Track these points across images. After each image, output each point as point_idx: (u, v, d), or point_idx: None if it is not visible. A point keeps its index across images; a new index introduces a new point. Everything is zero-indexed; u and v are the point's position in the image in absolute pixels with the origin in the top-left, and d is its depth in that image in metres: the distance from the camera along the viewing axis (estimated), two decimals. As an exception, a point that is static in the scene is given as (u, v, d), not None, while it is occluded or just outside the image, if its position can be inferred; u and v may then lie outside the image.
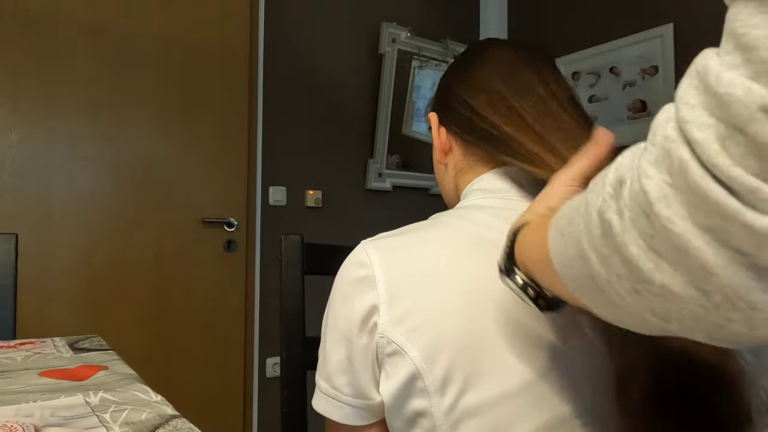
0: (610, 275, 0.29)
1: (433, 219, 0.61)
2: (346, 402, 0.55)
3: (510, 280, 0.45)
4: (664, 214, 0.25)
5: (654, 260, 0.26)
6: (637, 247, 0.27)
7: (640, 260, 0.27)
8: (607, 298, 0.31)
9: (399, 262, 0.54)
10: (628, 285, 0.28)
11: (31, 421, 0.49)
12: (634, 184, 0.27)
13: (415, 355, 0.50)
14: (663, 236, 0.25)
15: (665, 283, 0.26)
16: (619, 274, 0.29)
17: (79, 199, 1.89)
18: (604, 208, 0.29)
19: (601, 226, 0.29)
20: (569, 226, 0.33)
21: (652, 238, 0.26)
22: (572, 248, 0.33)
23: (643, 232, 0.26)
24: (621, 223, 0.27)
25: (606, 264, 0.29)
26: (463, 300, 0.51)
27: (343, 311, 0.55)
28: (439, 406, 0.49)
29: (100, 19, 1.93)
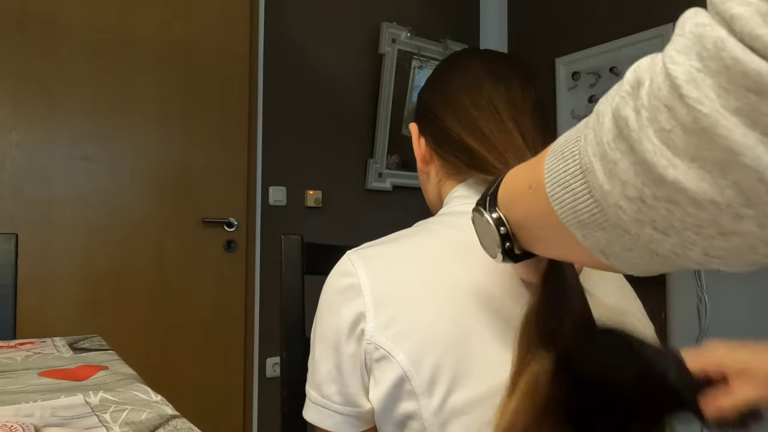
0: (613, 183, 0.29)
1: (417, 226, 0.62)
2: (336, 410, 0.56)
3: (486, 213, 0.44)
4: (693, 96, 0.24)
5: (668, 157, 0.26)
6: (652, 144, 0.26)
7: (654, 156, 0.26)
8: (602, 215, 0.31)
9: (384, 269, 0.55)
10: (634, 191, 0.28)
11: (31, 421, 0.49)
12: (655, 79, 0.26)
13: (401, 358, 0.50)
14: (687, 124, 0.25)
15: (678, 179, 0.26)
16: (625, 180, 0.28)
17: (79, 199, 1.89)
18: (621, 105, 0.28)
19: (615, 126, 0.29)
20: (573, 144, 0.33)
21: (669, 133, 0.26)
22: (573, 165, 0.32)
23: (660, 129, 0.26)
24: (638, 120, 0.27)
25: (612, 171, 0.29)
26: (447, 302, 0.52)
27: (329, 321, 0.56)
28: (428, 407, 0.50)
29: (101, 19, 1.93)
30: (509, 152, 0.58)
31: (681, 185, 0.26)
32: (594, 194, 0.31)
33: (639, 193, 0.28)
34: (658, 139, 0.26)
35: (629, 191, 0.28)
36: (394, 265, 0.55)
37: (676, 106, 0.25)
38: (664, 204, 0.27)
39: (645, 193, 0.28)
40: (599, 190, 0.30)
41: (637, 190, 0.28)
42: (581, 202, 0.32)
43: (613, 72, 2.47)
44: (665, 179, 0.26)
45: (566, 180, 0.33)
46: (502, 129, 0.60)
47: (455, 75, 0.65)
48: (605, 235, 0.32)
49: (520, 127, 0.60)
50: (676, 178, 0.26)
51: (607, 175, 0.29)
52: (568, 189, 0.33)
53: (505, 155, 0.58)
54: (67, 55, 1.87)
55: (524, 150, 0.58)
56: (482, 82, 0.63)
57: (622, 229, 0.30)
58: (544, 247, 0.41)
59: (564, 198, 0.33)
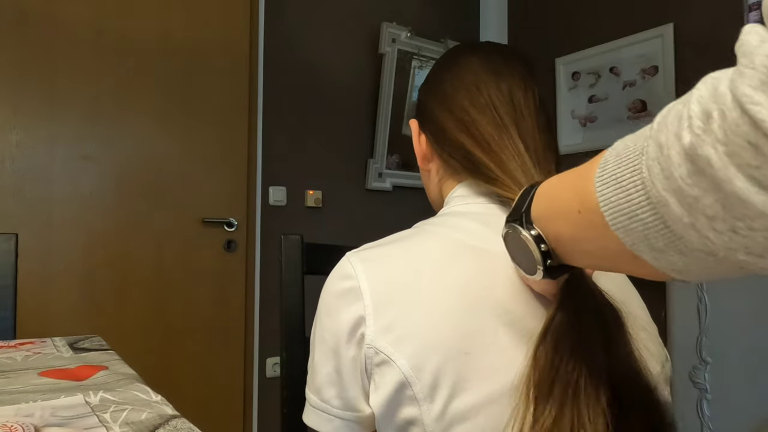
0: (696, 217, 0.28)
1: (417, 227, 0.61)
2: (335, 415, 0.55)
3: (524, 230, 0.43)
4: None
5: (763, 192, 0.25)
6: (742, 182, 0.26)
7: (749, 193, 0.26)
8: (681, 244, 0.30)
9: (384, 272, 0.54)
10: (723, 225, 0.27)
11: (31, 421, 0.49)
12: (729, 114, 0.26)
13: (402, 363, 0.50)
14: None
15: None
16: (712, 215, 0.28)
17: (79, 199, 1.89)
18: (697, 143, 0.27)
19: (689, 164, 0.28)
20: (630, 174, 0.32)
21: (758, 169, 0.25)
22: (637, 197, 0.31)
23: (744, 165, 0.25)
24: (719, 157, 0.26)
25: (693, 206, 0.28)
26: (447, 306, 0.51)
27: (329, 324, 0.55)
28: (429, 413, 0.49)
29: (101, 19, 1.93)
30: (509, 157, 0.58)
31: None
32: (671, 225, 0.30)
33: (731, 226, 0.27)
34: (744, 175, 0.26)
35: (717, 225, 0.28)
36: (395, 267, 0.54)
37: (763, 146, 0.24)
38: (762, 233, 0.26)
39: (738, 226, 0.27)
40: (678, 222, 0.29)
41: (728, 223, 0.27)
42: (655, 232, 0.31)
43: (613, 72, 2.47)
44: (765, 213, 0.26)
45: (632, 210, 0.32)
46: (502, 133, 0.59)
47: (454, 73, 0.64)
48: (683, 258, 0.31)
49: (521, 130, 0.59)
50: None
51: (687, 210, 0.29)
52: (636, 219, 0.32)
53: (504, 160, 0.58)
54: (68, 55, 1.87)
55: (524, 155, 0.58)
56: (482, 82, 0.62)
57: (705, 254, 0.30)
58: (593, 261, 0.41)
59: (632, 227, 0.33)
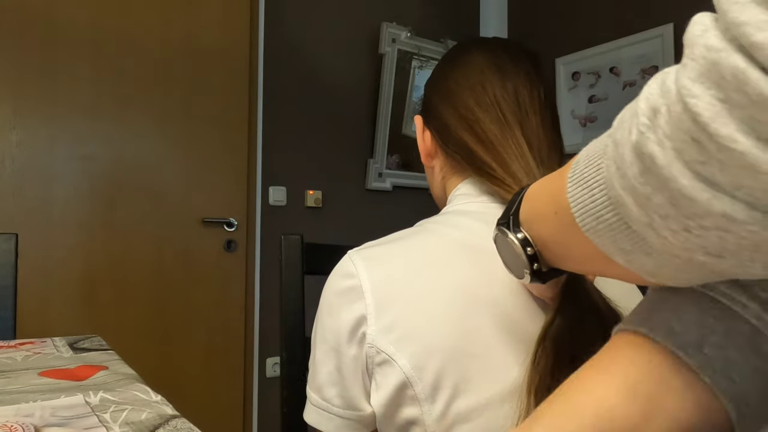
0: (651, 217, 0.27)
1: (418, 226, 0.61)
2: (336, 414, 0.55)
3: (511, 234, 0.42)
4: (723, 133, 0.22)
5: (709, 189, 0.24)
6: (688, 179, 0.24)
7: (694, 191, 0.24)
8: (646, 245, 0.29)
9: (385, 271, 0.54)
10: (677, 224, 0.26)
11: (31, 421, 0.49)
12: (673, 108, 0.24)
13: (404, 363, 0.50)
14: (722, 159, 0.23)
15: (726, 211, 0.24)
16: (665, 214, 0.26)
17: (79, 199, 1.89)
18: (642, 141, 0.26)
19: (639, 162, 0.26)
20: (594, 173, 0.31)
21: (704, 165, 0.24)
22: (600, 196, 0.30)
23: (691, 161, 0.24)
24: (664, 154, 0.25)
25: (647, 205, 0.27)
26: (449, 306, 0.51)
27: (331, 323, 0.55)
28: (431, 413, 0.49)
29: (101, 19, 1.93)
30: (512, 157, 0.57)
31: (731, 216, 0.24)
32: (632, 226, 0.29)
33: (684, 226, 0.26)
34: (691, 171, 0.24)
35: (672, 224, 0.26)
36: (396, 266, 0.54)
37: (705, 142, 0.23)
38: (715, 232, 0.25)
39: (690, 225, 0.26)
40: (637, 222, 0.28)
41: (681, 222, 0.26)
42: (619, 233, 0.30)
43: (613, 72, 2.47)
44: (711, 212, 0.24)
45: (597, 211, 0.31)
46: (506, 132, 0.58)
47: (459, 70, 0.64)
48: (651, 260, 0.30)
49: (525, 129, 0.59)
50: (724, 211, 0.24)
51: (643, 209, 0.27)
52: (601, 220, 0.31)
53: (507, 160, 0.57)
54: (68, 55, 1.87)
55: (528, 156, 0.57)
56: (487, 80, 0.61)
57: (670, 255, 0.28)
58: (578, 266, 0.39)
59: (599, 229, 0.31)
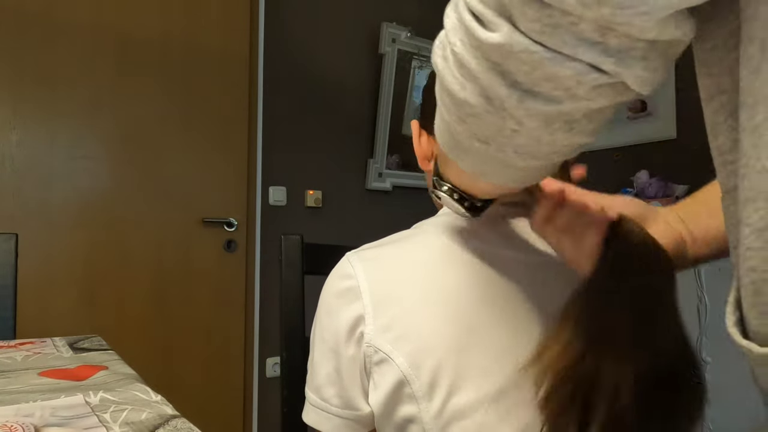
0: (449, 115, 0.38)
1: (416, 228, 0.62)
2: (335, 413, 0.56)
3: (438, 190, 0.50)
4: (452, 40, 0.34)
5: (460, 82, 0.35)
6: (451, 77, 0.35)
7: (452, 84, 0.35)
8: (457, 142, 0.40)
9: (383, 272, 0.55)
10: (455, 115, 0.37)
11: (31, 421, 0.49)
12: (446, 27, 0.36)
13: (401, 361, 0.50)
14: (455, 59, 0.34)
15: (466, 98, 0.35)
16: (449, 108, 0.37)
17: (79, 199, 1.89)
18: (433, 58, 0.38)
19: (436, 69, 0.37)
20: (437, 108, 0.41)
21: (455, 66, 0.35)
22: (439, 120, 0.41)
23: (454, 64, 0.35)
24: (444, 64, 0.36)
25: (445, 106, 0.38)
26: (445, 305, 0.52)
27: (329, 323, 0.56)
28: (428, 411, 0.50)
29: (101, 19, 1.93)
30: None
31: (469, 101, 0.35)
32: (450, 130, 0.39)
33: (458, 116, 0.37)
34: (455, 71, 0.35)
35: (453, 116, 0.37)
36: (394, 267, 0.55)
37: (446, 46, 0.35)
38: (471, 118, 0.36)
39: (460, 115, 0.36)
40: (448, 125, 0.39)
41: (456, 113, 0.37)
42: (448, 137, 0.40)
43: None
44: (460, 99, 0.35)
45: (438, 124, 0.41)
46: None
47: None
48: (469, 157, 0.40)
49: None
50: (466, 98, 0.35)
51: (445, 110, 0.38)
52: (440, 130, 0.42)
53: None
54: (67, 55, 1.87)
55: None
56: None
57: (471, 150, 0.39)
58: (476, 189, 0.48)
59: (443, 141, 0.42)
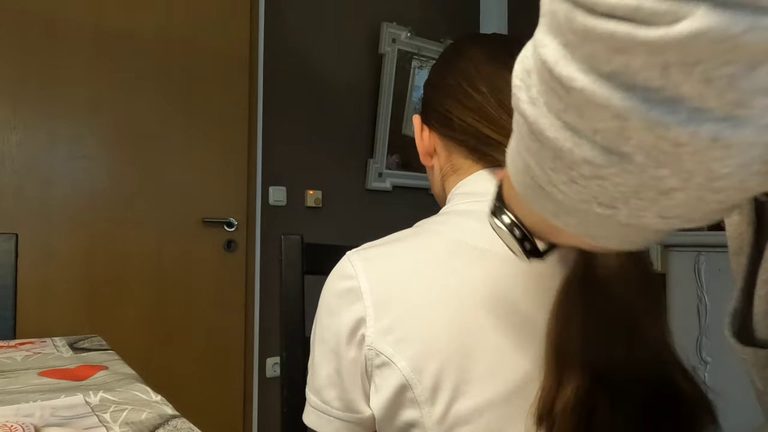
0: (546, 172, 0.29)
1: (417, 227, 0.61)
2: (335, 416, 0.55)
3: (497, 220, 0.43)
4: (565, 74, 0.24)
5: (570, 137, 0.25)
6: (554, 129, 0.26)
7: (558, 141, 0.26)
8: (558, 204, 0.31)
9: (384, 272, 0.54)
10: (564, 176, 0.28)
11: (31, 421, 0.49)
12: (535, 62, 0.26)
13: (403, 365, 0.50)
14: (570, 102, 0.24)
15: (586, 158, 0.25)
16: (553, 168, 0.28)
17: (79, 199, 1.89)
18: (515, 102, 0.29)
19: (524, 123, 0.28)
20: (513, 144, 0.33)
21: (564, 113, 0.25)
22: (518, 162, 0.32)
23: (557, 111, 0.25)
24: (534, 110, 0.27)
25: (540, 162, 0.29)
26: (449, 307, 0.51)
27: (329, 324, 0.55)
28: (431, 416, 0.49)
29: (101, 18, 1.93)
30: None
31: (592, 162, 0.25)
32: (542, 186, 0.30)
33: (569, 177, 0.27)
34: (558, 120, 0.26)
35: (561, 176, 0.28)
36: (395, 267, 0.54)
37: (557, 87, 0.25)
38: (595, 181, 0.26)
39: (573, 176, 0.27)
40: (542, 181, 0.30)
41: (566, 174, 0.27)
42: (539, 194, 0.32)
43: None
44: (575, 159, 0.26)
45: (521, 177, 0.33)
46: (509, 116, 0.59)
47: (456, 65, 0.65)
48: (574, 219, 0.31)
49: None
50: (584, 157, 0.25)
51: (540, 167, 0.29)
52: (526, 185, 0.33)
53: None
54: (67, 55, 1.87)
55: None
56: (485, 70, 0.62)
57: (578, 210, 0.30)
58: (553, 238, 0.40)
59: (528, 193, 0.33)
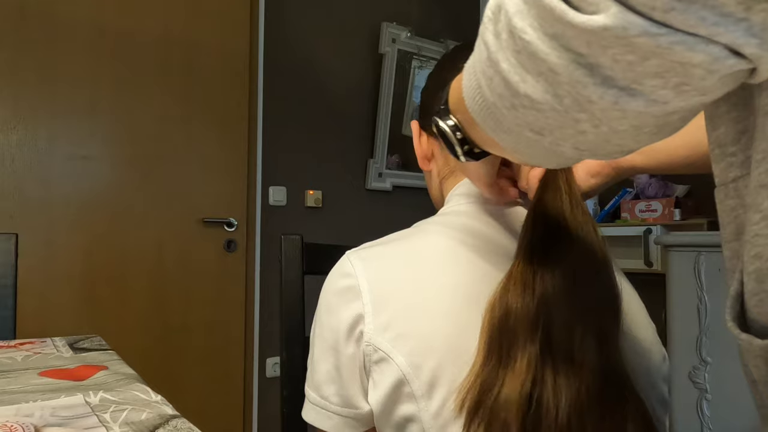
0: (494, 97, 0.34)
1: (416, 227, 0.62)
2: (335, 411, 0.56)
3: (442, 122, 0.47)
4: (519, 26, 0.29)
5: (520, 73, 0.30)
6: (508, 64, 0.31)
7: (509, 74, 0.31)
8: (498, 122, 0.36)
9: (383, 270, 0.55)
10: (507, 102, 0.33)
11: (31, 421, 0.49)
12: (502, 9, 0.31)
13: (401, 361, 0.50)
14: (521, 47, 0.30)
15: (528, 93, 0.31)
16: (500, 93, 0.33)
17: (79, 199, 1.89)
18: (483, 30, 0.33)
19: (484, 48, 0.33)
20: (471, 62, 0.37)
21: (519, 54, 0.30)
22: (473, 80, 0.36)
23: (514, 50, 0.30)
24: (497, 43, 0.31)
25: (491, 87, 0.34)
26: (446, 304, 0.52)
27: (329, 321, 0.56)
28: (428, 410, 0.50)
29: (101, 19, 1.93)
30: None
31: (532, 97, 0.31)
32: (488, 106, 0.35)
33: (511, 103, 0.32)
34: (514, 58, 0.31)
35: (505, 102, 0.33)
36: (394, 266, 0.55)
37: (512, 32, 0.30)
38: (529, 111, 0.32)
39: (514, 103, 0.32)
40: (489, 102, 0.35)
41: (509, 101, 0.32)
42: (485, 112, 0.36)
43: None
44: (519, 92, 0.31)
45: (473, 94, 0.37)
46: None
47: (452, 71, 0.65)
48: (509, 137, 0.36)
49: None
50: (527, 92, 0.31)
51: (489, 90, 0.34)
52: (476, 102, 0.37)
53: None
54: (68, 55, 1.87)
55: None
56: None
57: (514, 133, 0.35)
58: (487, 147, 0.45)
59: (475, 110, 0.38)
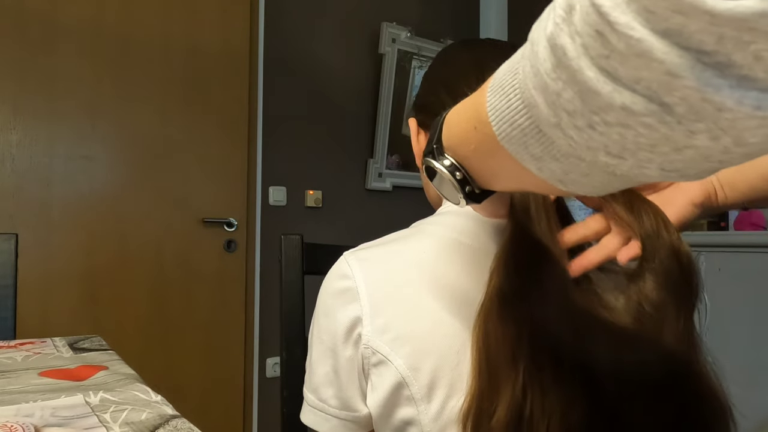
0: (559, 115, 0.28)
1: (413, 227, 0.61)
2: (333, 414, 0.55)
3: (437, 162, 0.43)
4: (622, 21, 0.24)
5: (611, 82, 0.25)
6: (593, 72, 0.26)
7: (598, 83, 0.26)
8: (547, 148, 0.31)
9: (380, 272, 0.55)
10: (582, 120, 0.27)
11: (31, 421, 0.49)
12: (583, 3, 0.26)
13: (399, 363, 0.50)
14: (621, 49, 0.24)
15: (625, 104, 0.25)
16: (571, 110, 0.28)
17: (79, 199, 1.89)
18: (557, 33, 0.27)
19: (552, 55, 0.27)
20: (512, 78, 0.32)
21: (607, 59, 0.25)
22: (515, 101, 0.31)
23: (597, 56, 0.25)
24: (574, 47, 0.26)
25: (556, 103, 0.28)
26: (443, 306, 0.52)
27: (326, 324, 0.56)
28: (427, 413, 0.50)
29: (101, 19, 1.93)
30: None
31: (630, 109, 0.25)
32: (542, 128, 0.30)
33: (588, 122, 0.27)
34: (597, 66, 0.25)
35: (578, 121, 0.28)
36: (391, 267, 0.55)
37: (607, 32, 0.24)
38: (616, 129, 0.27)
39: (594, 121, 0.27)
40: (546, 123, 0.29)
41: (586, 118, 0.27)
42: (531, 137, 0.31)
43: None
44: (613, 105, 0.26)
45: (512, 116, 0.32)
46: None
47: (450, 66, 0.65)
48: (560, 165, 0.31)
49: None
50: (624, 103, 0.25)
51: (552, 108, 0.29)
52: (515, 125, 0.32)
53: None
54: (67, 55, 1.87)
55: None
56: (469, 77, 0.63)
57: (575, 158, 0.30)
58: (502, 182, 0.41)
59: (513, 135, 0.33)
